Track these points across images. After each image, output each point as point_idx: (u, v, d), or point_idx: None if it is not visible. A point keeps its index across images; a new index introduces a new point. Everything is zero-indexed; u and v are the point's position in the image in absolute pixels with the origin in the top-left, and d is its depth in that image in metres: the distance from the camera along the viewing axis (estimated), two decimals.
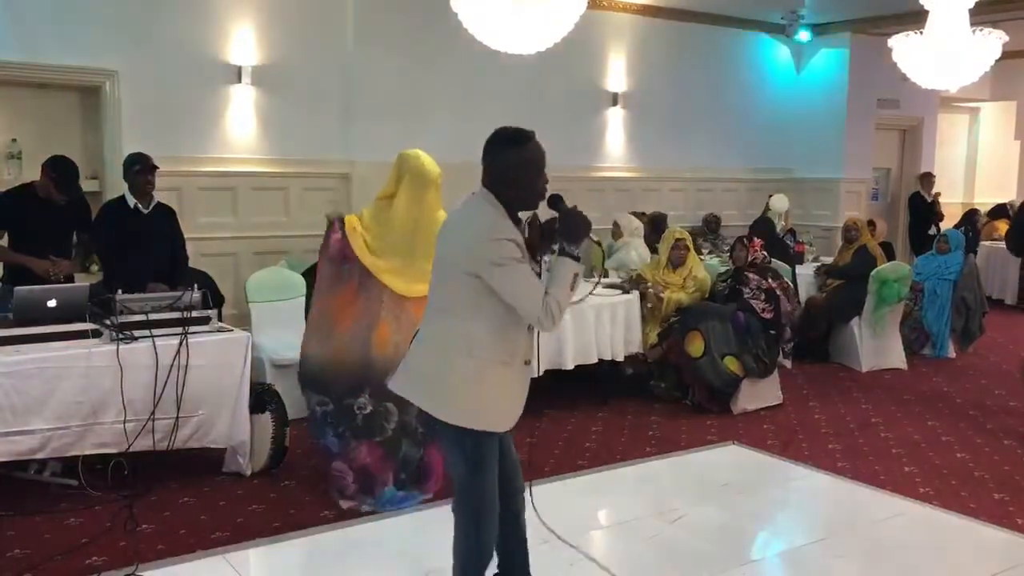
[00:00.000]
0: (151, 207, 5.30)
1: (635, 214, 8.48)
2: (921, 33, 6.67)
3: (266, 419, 4.70)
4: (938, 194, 11.17)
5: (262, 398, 4.75)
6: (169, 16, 6.81)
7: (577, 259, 2.82)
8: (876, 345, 7.51)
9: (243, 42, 7.14)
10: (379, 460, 4.32)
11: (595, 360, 6.09)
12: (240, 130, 7.21)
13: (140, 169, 5.21)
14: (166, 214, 5.45)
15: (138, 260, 5.15)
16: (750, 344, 6.10)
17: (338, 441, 4.36)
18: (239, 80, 7.14)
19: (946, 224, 10.86)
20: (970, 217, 11.47)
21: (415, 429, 4.32)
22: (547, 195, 2.93)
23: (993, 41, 6.61)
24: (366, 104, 7.64)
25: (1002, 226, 11.70)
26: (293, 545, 3.94)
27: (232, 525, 4.10)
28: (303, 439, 5.06)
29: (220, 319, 4.99)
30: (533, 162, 2.85)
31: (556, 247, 2.88)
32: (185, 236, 5.84)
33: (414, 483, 4.41)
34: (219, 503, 4.36)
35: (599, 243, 3.41)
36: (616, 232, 7.76)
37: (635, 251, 7.44)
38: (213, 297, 5.06)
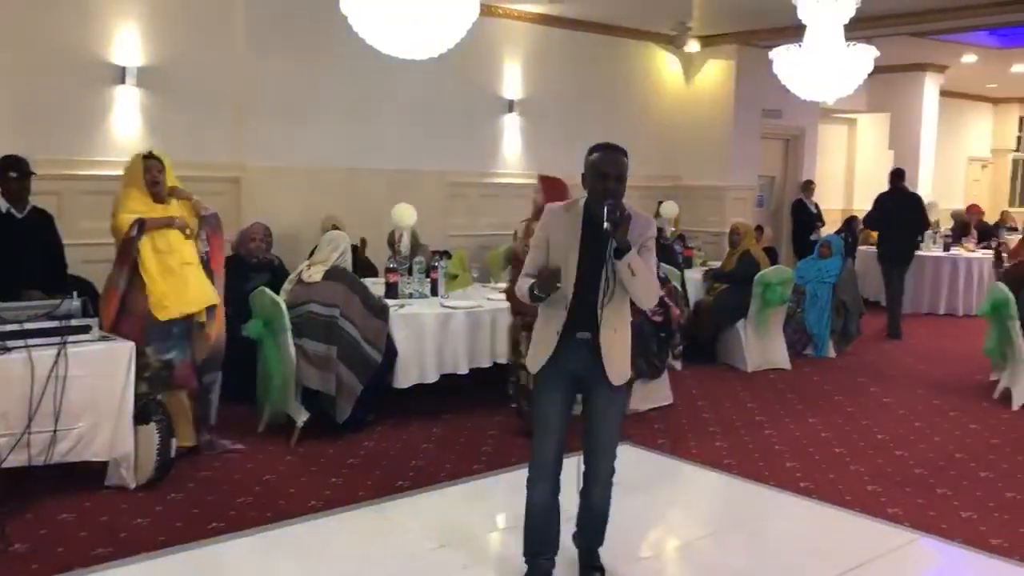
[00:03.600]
0: (26, 212, 5.07)
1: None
2: (800, 46, 6.96)
3: (151, 430, 4.55)
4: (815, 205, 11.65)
5: (146, 408, 4.60)
6: (47, 13, 6.53)
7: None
8: (761, 346, 7.80)
9: (127, 42, 6.91)
10: None
11: (490, 364, 6.13)
12: (125, 132, 6.97)
13: (17, 176, 5.00)
14: (42, 219, 5.23)
15: (12, 267, 4.93)
16: (642, 347, 6.24)
17: None
18: (123, 81, 6.91)
19: (826, 230, 11.36)
20: (849, 223, 12.05)
21: None
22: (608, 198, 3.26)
23: (866, 56, 6.96)
24: (257, 107, 7.50)
25: (875, 233, 12.29)
26: (179, 559, 3.82)
27: (115, 541, 3.96)
28: (190, 451, 4.94)
29: (102, 328, 4.81)
30: (594, 166, 3.37)
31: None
32: (65, 242, 5.62)
33: None
34: (101, 518, 4.20)
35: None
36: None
37: None
38: (95, 305, 4.88)
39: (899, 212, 9.62)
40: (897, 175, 9.92)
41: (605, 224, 3.21)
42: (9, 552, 3.79)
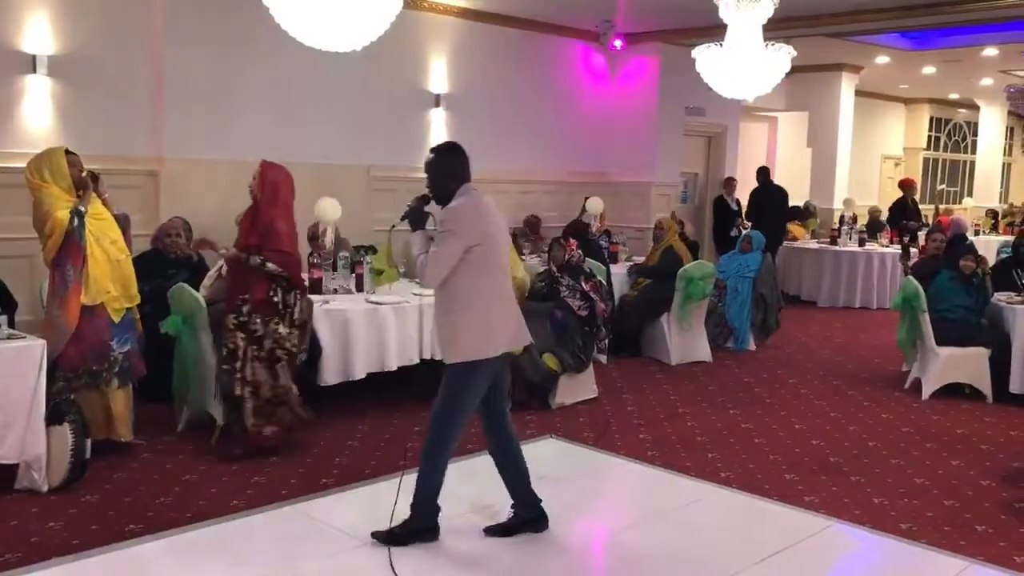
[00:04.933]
0: None
1: None
2: (721, 45, 7.10)
3: (64, 431, 4.41)
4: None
5: (60, 408, 4.46)
6: None
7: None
8: (684, 339, 7.94)
9: (38, 29, 6.66)
10: None
11: (418, 360, 6.11)
12: (36, 123, 6.71)
13: None
14: None
15: None
16: (567, 341, 6.31)
17: None
18: (34, 70, 6.65)
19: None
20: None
21: None
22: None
23: (783, 55, 7.13)
24: (176, 98, 7.30)
25: (794, 228, 12.65)
26: (94, 563, 3.72)
27: (25, 545, 3.83)
28: (107, 449, 4.81)
29: (12, 326, 4.65)
30: None
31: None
32: None
33: None
34: (10, 522, 4.06)
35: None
36: None
37: None
38: (3, 302, 4.71)
39: (771, 204, 11.23)
40: (763, 172, 11.61)
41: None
42: None
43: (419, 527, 3.94)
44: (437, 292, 3.86)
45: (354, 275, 6.49)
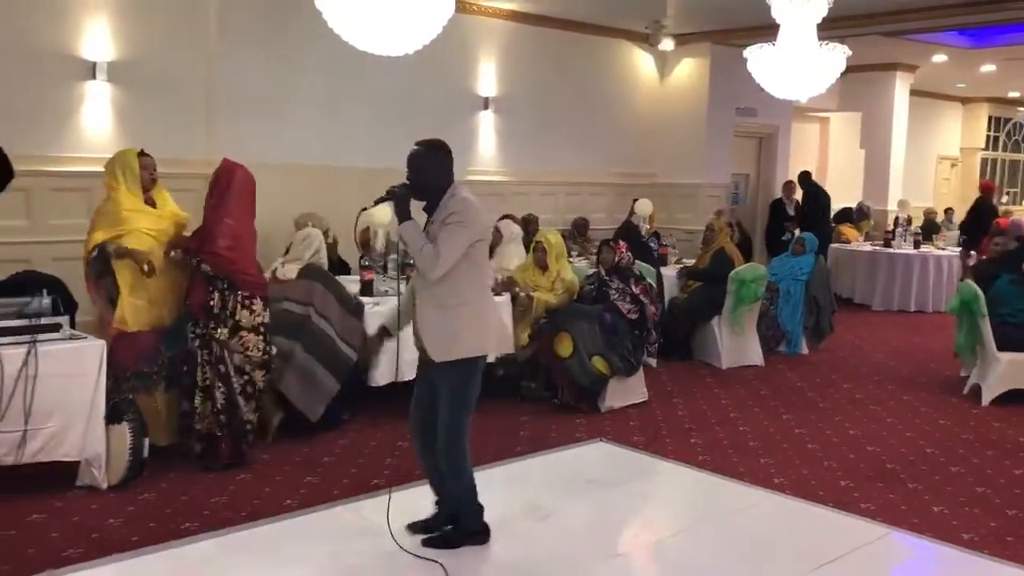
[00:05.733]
0: None
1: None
2: (774, 45, 7.00)
3: (123, 429, 4.50)
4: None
5: (118, 408, 4.55)
6: (16, 8, 6.43)
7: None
8: (735, 343, 7.85)
9: (98, 36, 6.82)
10: None
11: None
12: (96, 128, 6.88)
13: None
14: None
15: None
16: (617, 344, 6.27)
17: None
18: (94, 76, 6.82)
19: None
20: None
21: None
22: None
23: (838, 55, 7.01)
24: (230, 102, 7.42)
25: (847, 230, 12.45)
26: (153, 559, 3.78)
27: (87, 541, 3.92)
28: (163, 450, 4.89)
29: (73, 326, 4.76)
30: None
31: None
32: (35, 240, 5.53)
33: None
34: (72, 518, 4.16)
35: None
36: (496, 237, 7.84)
37: (517, 257, 7.52)
38: (65, 303, 4.82)
39: (818, 207, 11.11)
40: (806, 176, 11.45)
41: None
42: None
43: (467, 532, 3.93)
44: (431, 286, 3.68)
45: (404, 277, 6.51)
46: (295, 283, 5.56)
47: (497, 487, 4.87)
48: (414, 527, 3.97)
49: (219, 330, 4.83)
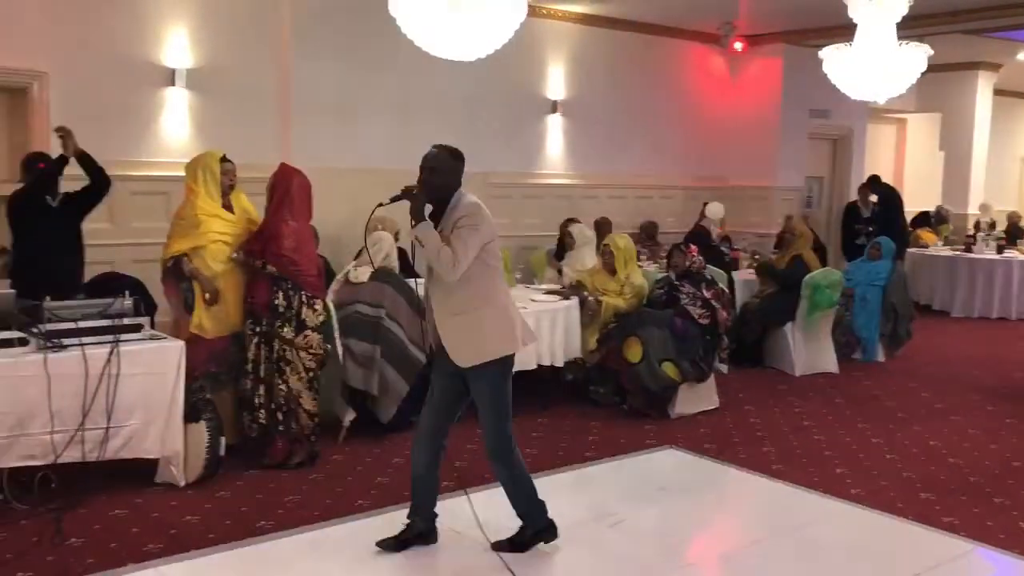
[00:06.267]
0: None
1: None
2: (850, 45, 6.84)
3: (200, 428, 4.61)
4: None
5: (196, 407, 4.66)
6: (101, 18, 6.65)
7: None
8: (809, 350, 7.68)
9: (177, 45, 7.00)
10: None
11: (535, 366, 6.11)
12: (174, 134, 7.07)
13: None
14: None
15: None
16: (687, 349, 6.19)
17: None
18: (173, 83, 7.01)
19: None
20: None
21: None
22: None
23: (919, 54, 6.82)
24: (304, 108, 7.55)
25: (925, 234, 12.10)
26: (229, 557, 3.86)
27: (165, 537, 4.01)
28: (239, 450, 4.98)
29: (152, 326, 4.88)
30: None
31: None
32: (117, 242, 5.69)
33: None
34: (152, 515, 4.26)
35: None
36: (569, 241, 7.83)
37: (589, 261, 7.49)
38: (146, 304, 4.96)
39: (893, 210, 10.63)
40: (876, 180, 10.86)
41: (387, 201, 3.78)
42: (65, 546, 3.86)
43: (533, 531, 3.92)
44: (445, 295, 3.68)
45: None
46: (366, 286, 5.62)
47: (566, 492, 4.86)
48: (384, 544, 3.90)
49: (285, 328, 4.94)
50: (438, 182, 3.72)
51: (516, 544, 3.91)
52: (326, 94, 7.68)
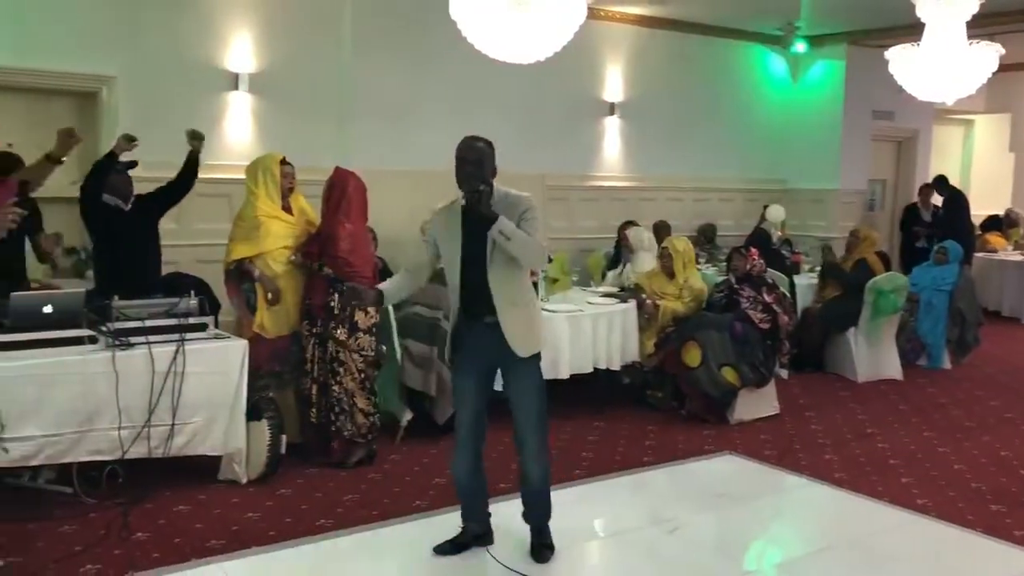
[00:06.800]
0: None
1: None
2: (918, 45, 6.67)
3: (262, 427, 4.67)
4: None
5: (258, 405, 4.73)
6: (167, 23, 6.80)
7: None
8: (872, 355, 7.51)
9: (240, 49, 7.13)
10: None
11: (591, 369, 6.08)
12: (237, 136, 7.20)
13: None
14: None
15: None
16: (747, 354, 6.10)
17: None
18: (236, 87, 7.14)
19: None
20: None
21: None
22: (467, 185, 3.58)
23: (990, 54, 6.61)
24: (363, 111, 7.62)
25: (994, 238, 11.75)
26: (289, 554, 3.91)
27: (228, 533, 4.07)
28: (300, 448, 5.05)
29: (216, 326, 4.97)
30: (456, 154, 3.67)
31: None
32: (181, 243, 5.79)
33: None
34: (214, 511, 4.33)
35: None
36: (626, 244, 7.78)
37: (648, 265, 7.42)
38: (210, 303, 5.05)
39: (959, 213, 10.25)
40: (943, 180, 10.54)
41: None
42: (131, 540, 3.94)
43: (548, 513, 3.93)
44: (505, 283, 3.61)
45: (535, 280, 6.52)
46: (426, 287, 5.63)
47: (623, 497, 4.83)
48: (440, 549, 3.89)
49: (338, 330, 4.99)
50: (484, 175, 3.62)
51: (546, 547, 3.87)
52: (384, 97, 7.75)
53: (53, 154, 4.83)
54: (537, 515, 3.89)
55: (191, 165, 5.44)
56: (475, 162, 3.60)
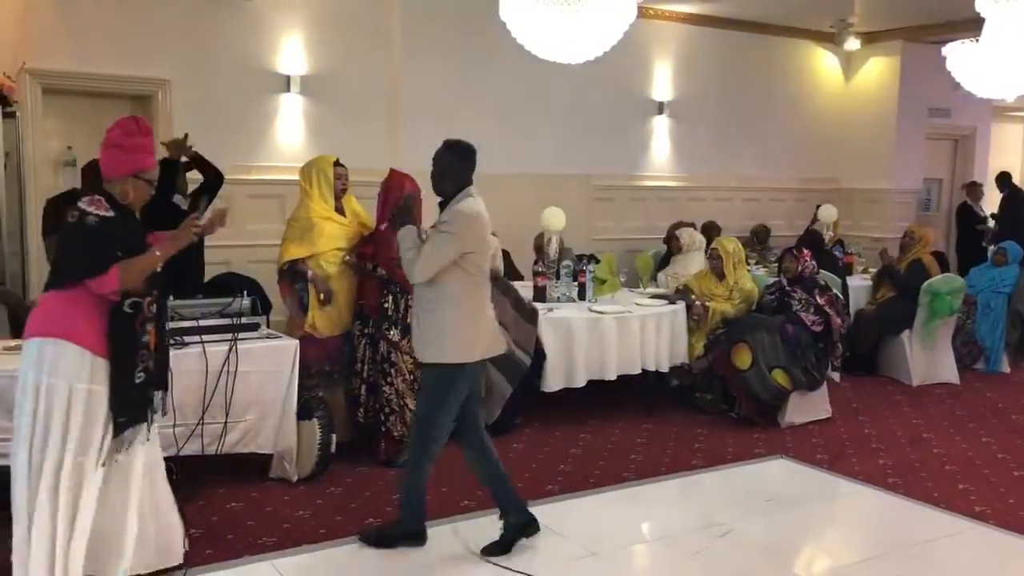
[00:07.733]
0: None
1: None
2: (976, 41, 6.52)
3: (312, 426, 4.72)
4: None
5: (309, 405, 4.78)
6: (220, 27, 6.92)
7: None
8: (927, 359, 7.35)
9: (292, 52, 7.23)
10: None
11: (639, 371, 6.05)
12: (289, 138, 7.30)
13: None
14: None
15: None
16: (799, 357, 6.01)
17: None
18: (288, 89, 7.24)
19: None
20: None
21: None
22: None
23: None
24: (412, 112, 7.68)
25: None
26: (339, 552, 3.95)
27: (279, 531, 4.13)
28: (349, 447, 5.09)
29: (268, 326, 5.04)
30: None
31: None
32: (233, 244, 5.88)
33: None
34: (266, 509, 4.39)
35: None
36: (675, 245, 7.73)
37: (697, 266, 7.37)
38: (261, 304, 5.12)
39: (1020, 211, 10.04)
40: (1006, 177, 10.37)
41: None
42: (186, 536, 4.00)
43: (403, 532, 3.96)
44: (421, 287, 3.79)
45: (576, 283, 6.52)
46: None
47: (673, 500, 4.80)
48: (488, 550, 3.91)
49: (391, 331, 5.02)
50: (434, 178, 3.86)
51: (382, 538, 3.97)
52: (434, 98, 7.79)
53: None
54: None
55: (201, 166, 5.56)
56: (433, 173, 3.89)
